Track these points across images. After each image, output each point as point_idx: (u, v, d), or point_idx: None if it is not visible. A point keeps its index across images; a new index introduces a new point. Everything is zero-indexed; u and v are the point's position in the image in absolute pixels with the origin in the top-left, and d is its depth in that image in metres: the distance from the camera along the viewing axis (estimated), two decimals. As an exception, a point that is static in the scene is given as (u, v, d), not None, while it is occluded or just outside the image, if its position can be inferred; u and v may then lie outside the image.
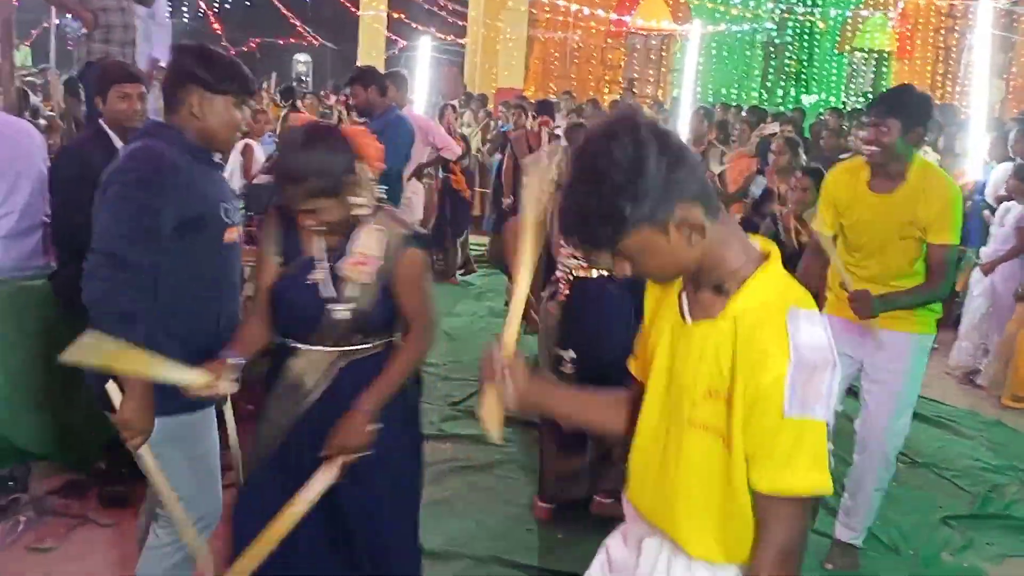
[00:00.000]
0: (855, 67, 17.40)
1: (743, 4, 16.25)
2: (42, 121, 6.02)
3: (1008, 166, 5.98)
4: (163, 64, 4.69)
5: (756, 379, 1.29)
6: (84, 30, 4.81)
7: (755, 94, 16.77)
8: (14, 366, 3.29)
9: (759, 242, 1.43)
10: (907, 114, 2.95)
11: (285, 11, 17.87)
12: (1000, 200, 5.80)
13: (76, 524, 3.12)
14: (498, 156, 9.75)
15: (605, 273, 3.36)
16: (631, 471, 1.56)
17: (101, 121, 3.23)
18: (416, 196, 5.73)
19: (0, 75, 4.14)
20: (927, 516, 3.77)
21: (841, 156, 5.86)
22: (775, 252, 1.41)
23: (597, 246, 1.36)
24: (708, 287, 1.39)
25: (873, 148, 2.98)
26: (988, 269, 5.54)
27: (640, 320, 1.63)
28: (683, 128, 8.19)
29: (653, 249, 1.34)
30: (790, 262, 4.04)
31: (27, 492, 3.24)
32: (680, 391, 1.42)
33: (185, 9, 19.45)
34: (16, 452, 3.37)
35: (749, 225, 4.76)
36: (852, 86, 17.19)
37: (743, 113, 9.00)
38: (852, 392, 3.64)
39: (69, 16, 4.70)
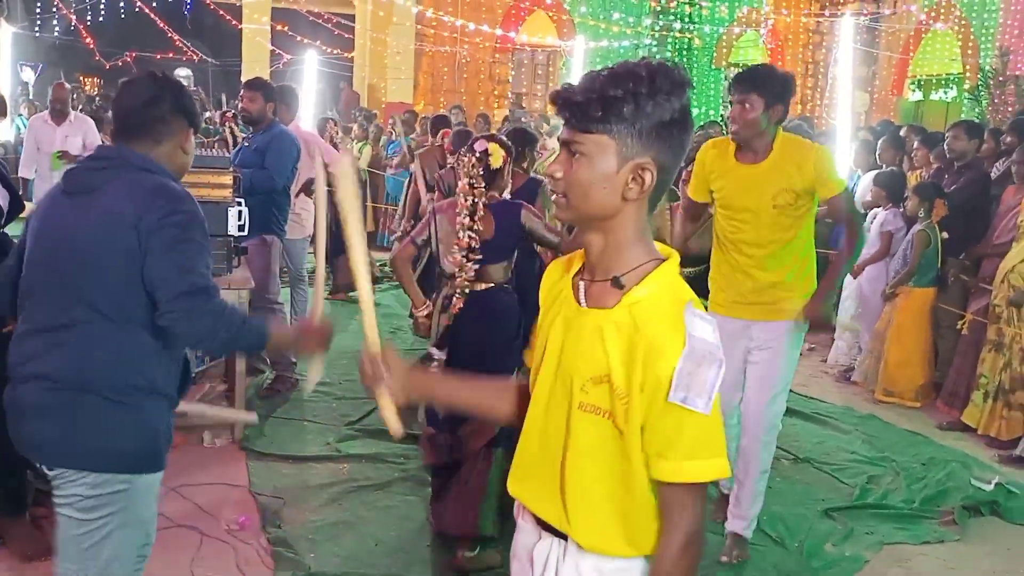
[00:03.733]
0: (730, 81, 18.13)
1: (623, 21, 16.71)
2: None
3: (873, 174, 6.35)
4: None
5: (653, 369, 1.32)
6: None
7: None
8: None
9: (662, 247, 1.46)
10: (768, 90, 3.07)
11: (162, 24, 17.27)
12: (868, 207, 6.16)
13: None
14: (397, 170, 9.70)
15: (495, 285, 3.38)
16: (518, 461, 1.56)
17: None
18: (306, 212, 5.62)
19: None
20: (810, 509, 3.94)
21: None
22: (675, 255, 1.44)
23: (575, 115, 1.35)
24: (606, 277, 1.41)
25: (737, 125, 3.10)
26: (856, 272, 5.86)
27: (527, 339, 1.65)
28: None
29: (599, 165, 1.35)
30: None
31: None
32: (568, 375, 1.43)
33: (56, 23, 18.51)
34: None
35: None
36: (729, 100, 17.89)
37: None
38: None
39: None
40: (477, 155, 3.36)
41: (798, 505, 3.96)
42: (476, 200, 3.31)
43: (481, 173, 3.35)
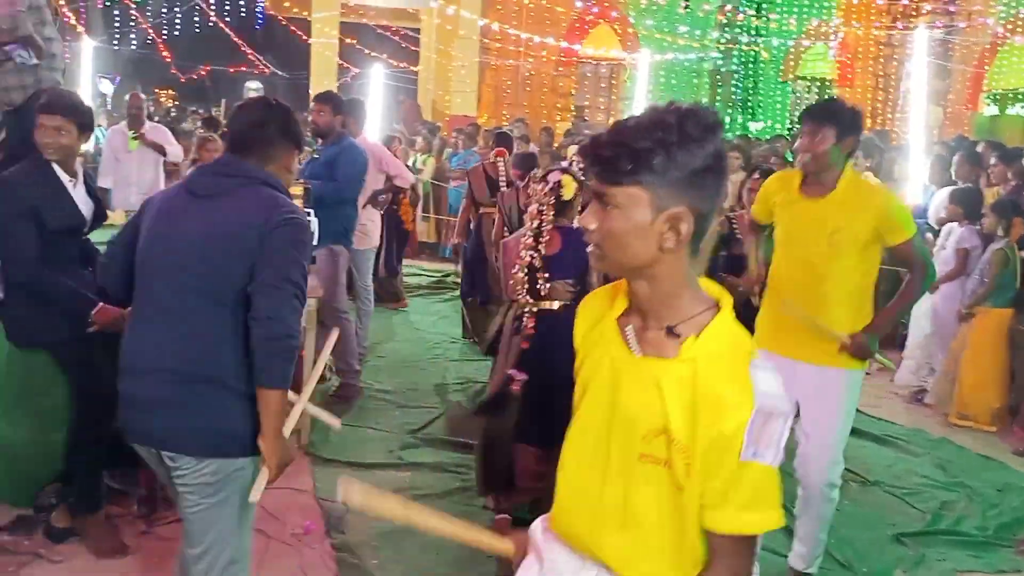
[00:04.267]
0: (798, 95, 17.88)
1: (690, 34, 16.62)
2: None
3: (948, 190, 6.18)
4: None
5: (718, 426, 1.31)
6: (34, 60, 4.73)
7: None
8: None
9: (710, 288, 1.44)
10: (840, 123, 3.01)
11: (235, 39, 17.78)
12: (942, 223, 6.00)
13: (26, 561, 3.03)
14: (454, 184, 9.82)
15: (566, 304, 3.41)
16: (560, 501, 1.54)
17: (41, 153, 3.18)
18: (372, 223, 5.71)
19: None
20: (880, 533, 3.84)
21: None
22: (728, 300, 1.42)
23: (606, 170, 1.34)
24: (658, 326, 1.39)
25: (807, 156, 3.03)
26: (932, 289, 5.70)
27: None
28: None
29: (632, 217, 1.33)
30: (741, 262, 4.19)
31: (-27, 529, 3.14)
32: (626, 424, 1.41)
33: (133, 37, 19.20)
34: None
35: None
36: (796, 113, 17.66)
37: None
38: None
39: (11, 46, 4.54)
40: (550, 186, 3.45)
41: (867, 529, 3.86)
42: (542, 225, 3.40)
43: (552, 203, 3.45)
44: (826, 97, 3.50)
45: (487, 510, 3.71)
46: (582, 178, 3.55)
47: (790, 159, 8.05)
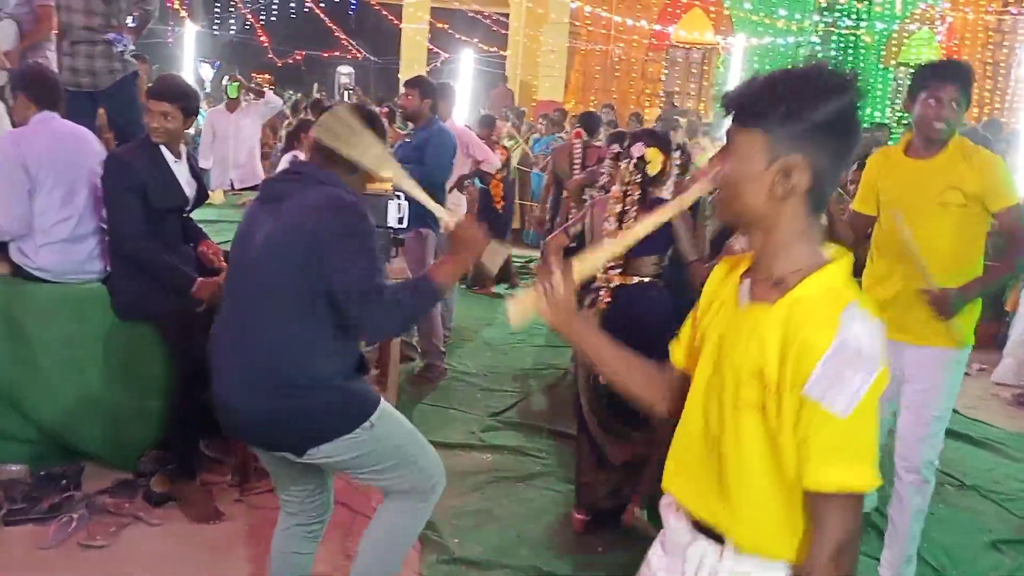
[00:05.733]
0: (900, 82, 17.19)
1: (788, 17, 16.14)
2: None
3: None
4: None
5: (800, 367, 1.29)
6: (131, 46, 4.95)
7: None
8: (70, 367, 3.38)
9: (829, 247, 1.42)
10: (965, 83, 2.89)
11: (330, 24, 18.13)
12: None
13: (126, 523, 3.18)
14: (537, 169, 9.82)
15: (646, 279, 3.35)
16: (673, 458, 1.54)
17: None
18: (459, 207, 5.77)
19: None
20: (975, 539, 3.69)
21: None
22: (845, 257, 1.40)
23: (733, 112, 1.38)
24: (768, 276, 1.39)
25: (941, 124, 2.88)
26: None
27: (680, 322, 1.65)
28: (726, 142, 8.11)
29: (748, 161, 1.36)
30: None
31: (79, 490, 3.31)
32: (728, 373, 1.41)
33: (232, 22, 19.79)
34: (69, 451, 3.46)
35: None
36: (897, 101, 16.98)
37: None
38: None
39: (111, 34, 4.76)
40: (634, 161, 3.30)
41: (962, 534, 3.71)
42: (627, 209, 3.27)
43: (638, 180, 3.28)
44: (943, 59, 3.27)
45: (567, 495, 3.71)
46: (668, 140, 3.41)
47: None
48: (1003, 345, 6.02)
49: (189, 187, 3.45)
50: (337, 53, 19.64)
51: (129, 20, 4.94)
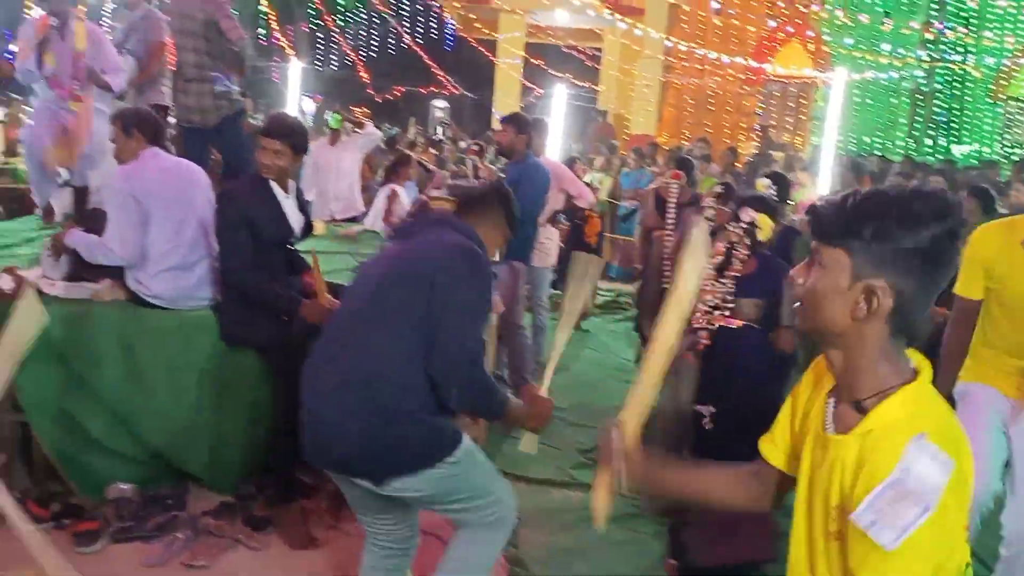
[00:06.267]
0: (1010, 117, 16.49)
1: (891, 53, 15.73)
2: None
3: None
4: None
5: (863, 488, 1.28)
6: (236, 88, 5.20)
7: (901, 144, 16.13)
8: (178, 391, 3.52)
9: (913, 357, 1.39)
10: None
11: (427, 59, 18.59)
12: None
13: (227, 546, 3.27)
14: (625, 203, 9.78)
15: (746, 323, 3.30)
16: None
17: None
18: (550, 241, 5.79)
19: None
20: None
21: None
22: (926, 371, 1.36)
23: (819, 228, 1.37)
24: (850, 400, 1.38)
25: None
26: None
27: (782, 370, 1.63)
28: (825, 178, 7.95)
29: (832, 278, 1.34)
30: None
31: (184, 511, 3.42)
32: (818, 501, 1.41)
33: (334, 57, 20.53)
34: (175, 473, 3.59)
35: None
36: (1007, 136, 16.28)
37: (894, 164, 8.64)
38: None
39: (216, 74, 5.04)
40: (745, 226, 3.30)
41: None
42: (731, 261, 3.28)
43: (747, 243, 3.31)
44: None
45: (659, 537, 3.64)
46: (776, 207, 3.42)
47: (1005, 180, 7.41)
48: None
49: (296, 220, 3.58)
50: (433, 88, 20.12)
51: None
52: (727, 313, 3.31)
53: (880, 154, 13.20)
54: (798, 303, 1.42)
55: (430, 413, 2.32)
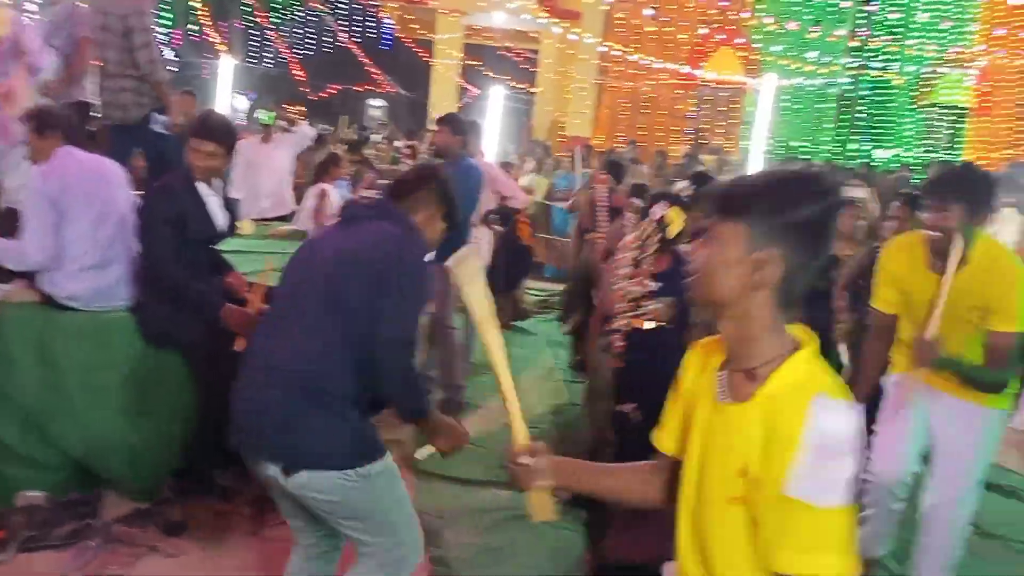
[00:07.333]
0: (931, 123, 17.10)
1: (816, 61, 16.16)
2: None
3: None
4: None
5: (780, 461, 1.34)
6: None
7: (826, 147, 16.59)
8: (96, 395, 3.43)
9: (795, 331, 1.47)
10: (971, 197, 2.78)
11: (363, 58, 18.44)
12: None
13: (142, 553, 3.19)
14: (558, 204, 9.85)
15: (662, 324, 3.35)
16: (680, 546, 1.59)
17: (188, 168, 3.39)
18: (483, 242, 5.80)
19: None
20: (1001, 591, 3.60)
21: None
22: (812, 341, 1.45)
23: (714, 204, 1.47)
24: (742, 369, 1.45)
25: (936, 234, 2.82)
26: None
27: None
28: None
29: (726, 251, 1.42)
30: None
31: (97, 518, 3.33)
32: (713, 469, 1.46)
33: (268, 55, 20.21)
34: (89, 479, 3.49)
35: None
36: (928, 141, 16.87)
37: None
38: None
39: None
40: (655, 223, 3.33)
41: (988, 586, 3.63)
42: (641, 258, 3.30)
43: (658, 239, 3.33)
44: (956, 166, 3.12)
45: (584, 534, 3.68)
46: (688, 202, 3.46)
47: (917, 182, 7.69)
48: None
49: (222, 219, 3.52)
50: (369, 87, 19.95)
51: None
52: (642, 315, 3.33)
53: (807, 157, 13.56)
54: (693, 275, 1.50)
55: (355, 412, 2.29)
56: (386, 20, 19.70)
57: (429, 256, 3.97)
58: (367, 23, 20.46)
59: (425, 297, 2.42)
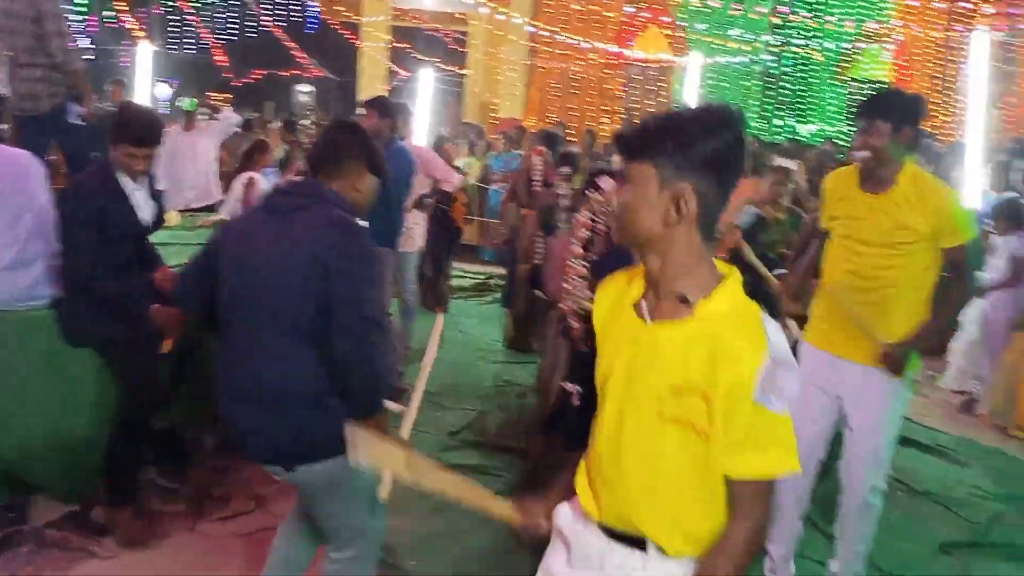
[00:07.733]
0: (852, 97, 17.56)
1: (741, 37, 16.43)
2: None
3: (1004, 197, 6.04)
4: None
5: (735, 371, 1.41)
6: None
7: (752, 124, 16.91)
8: (18, 397, 3.31)
9: (720, 265, 1.55)
10: (896, 115, 2.88)
11: (287, 43, 18.07)
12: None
13: (75, 556, 3.12)
14: (495, 186, 9.86)
15: None
16: (590, 477, 1.63)
17: (110, 162, 3.28)
18: (417, 226, 5.77)
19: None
20: (926, 545, 3.76)
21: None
22: (736, 274, 1.53)
23: (625, 148, 1.52)
24: (670, 297, 1.50)
25: (864, 153, 2.91)
26: (981, 294, 5.56)
27: None
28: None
29: (642, 191, 1.48)
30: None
31: (27, 523, 3.24)
32: (642, 390, 1.51)
33: (190, 40, 19.64)
34: (16, 484, 3.38)
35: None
36: (850, 116, 17.31)
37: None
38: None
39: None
40: (603, 193, 3.33)
41: (913, 540, 3.79)
42: (594, 235, 3.31)
43: (605, 211, 3.32)
44: (880, 89, 3.23)
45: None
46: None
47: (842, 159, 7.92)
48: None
49: (148, 212, 3.42)
50: (296, 72, 19.57)
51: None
52: (591, 296, 3.35)
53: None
54: (615, 219, 1.55)
55: (334, 400, 2.31)
56: (311, 3, 19.31)
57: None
58: (292, 6, 20.01)
59: (379, 272, 2.36)
